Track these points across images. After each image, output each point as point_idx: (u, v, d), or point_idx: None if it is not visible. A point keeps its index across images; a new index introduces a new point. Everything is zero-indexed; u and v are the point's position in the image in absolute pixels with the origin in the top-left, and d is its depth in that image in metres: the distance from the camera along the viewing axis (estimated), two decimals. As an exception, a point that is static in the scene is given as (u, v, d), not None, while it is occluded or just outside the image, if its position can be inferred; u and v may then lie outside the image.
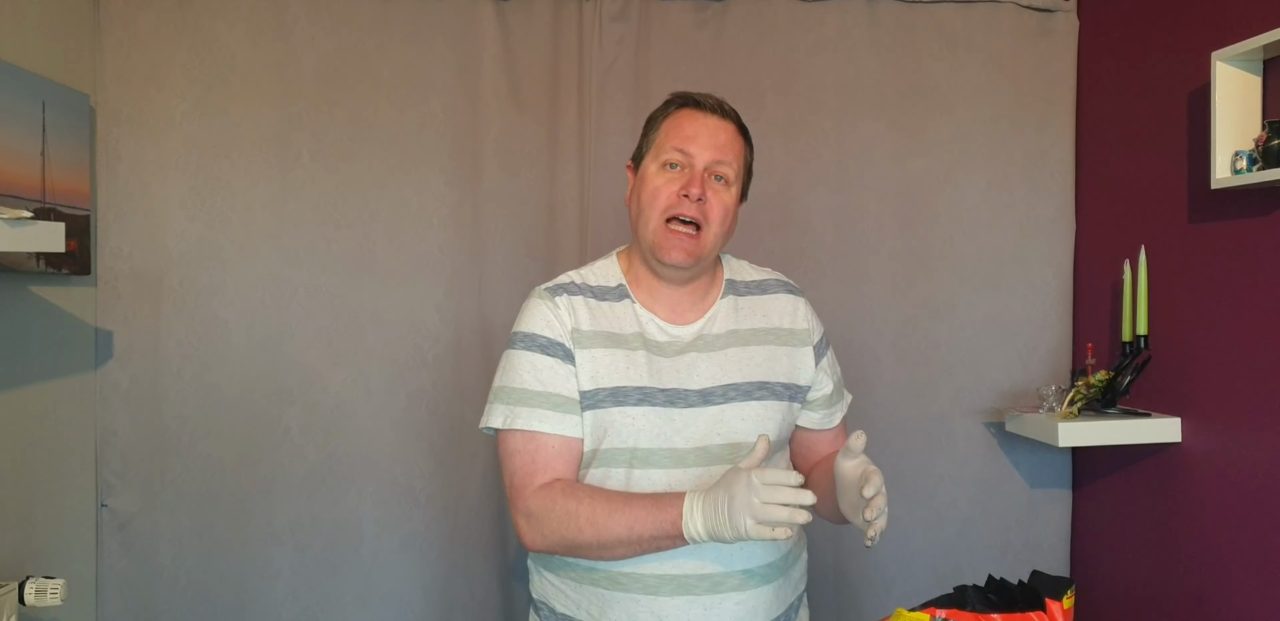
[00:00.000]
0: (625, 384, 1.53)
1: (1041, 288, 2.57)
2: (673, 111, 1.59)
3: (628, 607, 1.51)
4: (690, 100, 1.59)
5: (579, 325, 1.56)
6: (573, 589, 1.57)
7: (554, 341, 1.54)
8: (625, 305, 1.60)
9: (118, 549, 2.32)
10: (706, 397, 1.55)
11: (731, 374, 1.58)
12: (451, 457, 2.43)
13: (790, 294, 1.69)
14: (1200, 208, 2.12)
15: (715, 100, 1.60)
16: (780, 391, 1.60)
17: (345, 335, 2.39)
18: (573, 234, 2.46)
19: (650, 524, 1.41)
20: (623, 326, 1.57)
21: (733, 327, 1.62)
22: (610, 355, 1.54)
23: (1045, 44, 2.58)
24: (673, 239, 1.54)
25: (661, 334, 1.58)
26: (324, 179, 2.38)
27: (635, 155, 1.63)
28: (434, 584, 2.42)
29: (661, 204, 1.54)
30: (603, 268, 1.65)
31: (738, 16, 2.51)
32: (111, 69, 2.31)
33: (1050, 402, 2.34)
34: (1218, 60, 1.95)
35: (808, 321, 1.68)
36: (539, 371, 1.53)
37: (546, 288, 1.61)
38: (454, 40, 2.43)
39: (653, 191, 1.55)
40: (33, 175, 1.96)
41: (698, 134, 1.55)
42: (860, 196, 2.54)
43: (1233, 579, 2.02)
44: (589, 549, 1.47)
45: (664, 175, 1.55)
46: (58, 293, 2.16)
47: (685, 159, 1.54)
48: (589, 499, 1.46)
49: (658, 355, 1.56)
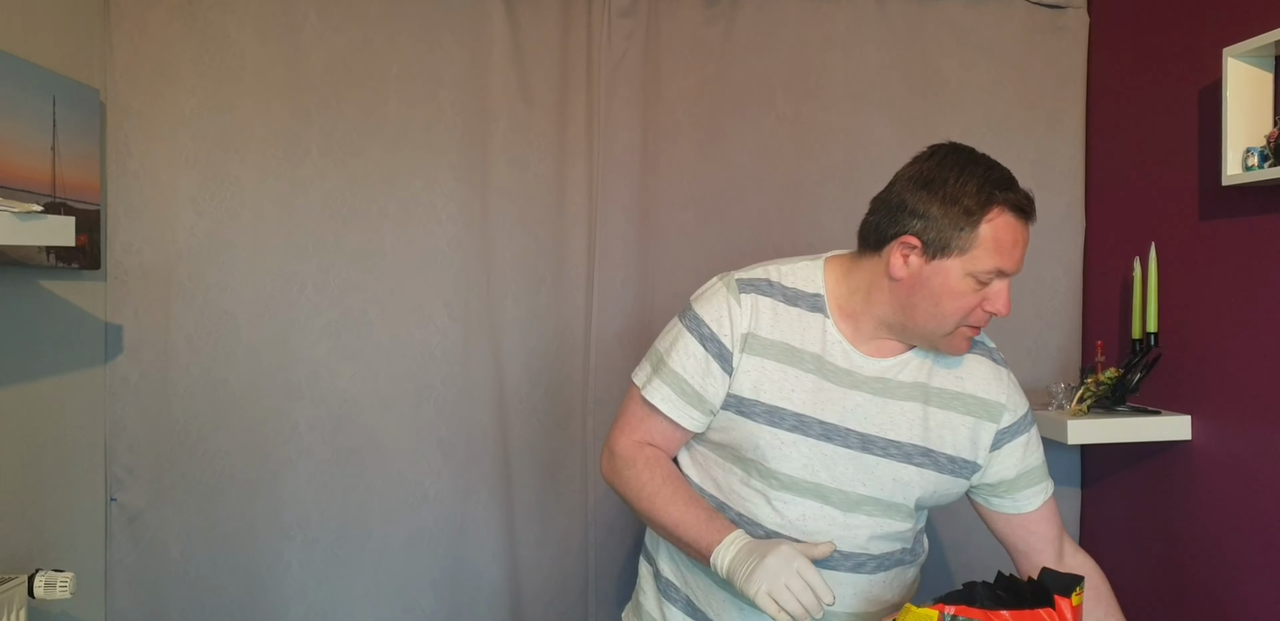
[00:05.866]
0: (785, 406, 1.49)
1: (1051, 284, 2.56)
2: (995, 211, 1.41)
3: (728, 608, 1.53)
4: (1016, 204, 1.42)
5: (757, 330, 1.50)
6: (686, 567, 1.59)
7: (714, 337, 1.51)
8: (816, 318, 1.51)
9: (127, 542, 2.32)
10: (866, 445, 1.50)
11: (900, 430, 1.51)
12: (460, 453, 2.43)
13: (993, 362, 1.60)
14: (1211, 204, 2.11)
15: (1029, 197, 1.45)
16: (944, 463, 1.54)
17: (354, 330, 2.39)
18: (581, 230, 2.46)
19: (692, 534, 1.45)
20: (805, 340, 1.50)
21: (922, 381, 1.53)
22: (780, 371, 1.49)
23: (1056, 40, 2.57)
24: (964, 342, 1.50)
25: (844, 359, 1.50)
26: (333, 174, 2.38)
27: (924, 233, 1.43)
28: (442, 579, 2.42)
29: (963, 314, 1.45)
30: (806, 270, 1.55)
31: (747, 12, 2.51)
32: (122, 65, 2.31)
33: (1059, 400, 2.33)
34: (1229, 56, 1.94)
35: (1006, 396, 1.58)
36: (686, 356, 1.52)
37: (740, 279, 1.54)
38: (463, 36, 2.43)
39: (956, 303, 1.44)
40: (43, 170, 1.97)
41: (1016, 254, 1.43)
42: (870, 193, 2.48)
43: (1243, 577, 2.01)
44: (637, 512, 1.55)
45: (972, 287, 1.43)
46: (67, 287, 2.17)
47: (996, 277, 1.44)
48: (663, 480, 1.51)
49: (829, 381, 1.49)
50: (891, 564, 1.58)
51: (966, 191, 1.41)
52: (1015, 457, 1.59)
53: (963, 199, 1.41)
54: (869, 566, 1.54)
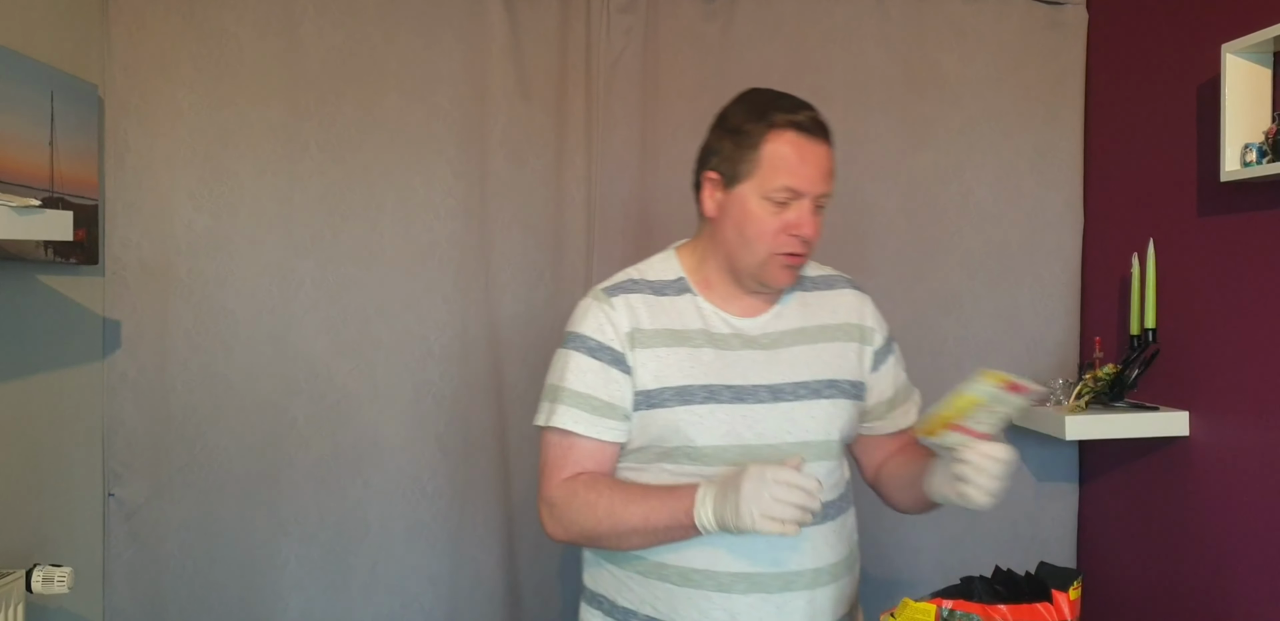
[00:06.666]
0: (690, 382, 1.51)
1: (1049, 280, 2.56)
2: (773, 132, 1.47)
3: (699, 604, 1.51)
4: (794, 122, 1.47)
5: (639, 324, 1.54)
6: (639, 583, 1.55)
7: (603, 345, 1.53)
8: (686, 299, 1.57)
9: (125, 538, 2.32)
10: (777, 394, 1.53)
11: (800, 371, 1.56)
12: (458, 449, 2.43)
13: (856, 290, 1.68)
14: (1209, 200, 2.11)
15: (815, 117, 1.50)
16: (848, 388, 1.59)
17: (352, 326, 2.39)
18: (580, 225, 2.46)
19: (665, 513, 1.43)
20: (685, 322, 1.55)
21: (800, 324, 1.59)
22: (673, 353, 1.53)
23: (1054, 36, 2.57)
24: (781, 270, 1.52)
25: (724, 326, 1.56)
26: (331, 170, 2.38)
27: (719, 166, 1.52)
28: (440, 575, 2.42)
29: (769, 242, 1.49)
30: (661, 262, 1.62)
31: (746, 8, 2.51)
32: (120, 59, 2.31)
33: (1057, 396, 2.33)
34: (1228, 52, 1.94)
35: (874, 320, 1.66)
36: (583, 374, 1.53)
37: (604, 288, 1.59)
38: (461, 31, 2.43)
39: (758, 228, 1.49)
40: (41, 164, 1.97)
41: (807, 170, 1.47)
42: (868, 189, 2.54)
43: (1240, 573, 2.02)
44: (606, 538, 1.50)
45: (768, 209, 1.48)
46: (65, 282, 2.17)
47: (791, 197, 1.48)
48: (608, 490, 1.49)
49: (724, 349, 1.54)
50: (836, 512, 1.59)
51: (748, 119, 1.50)
52: (890, 376, 1.67)
53: (744, 125, 1.50)
54: (818, 516, 1.50)
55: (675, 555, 1.50)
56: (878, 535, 2.54)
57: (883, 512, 2.56)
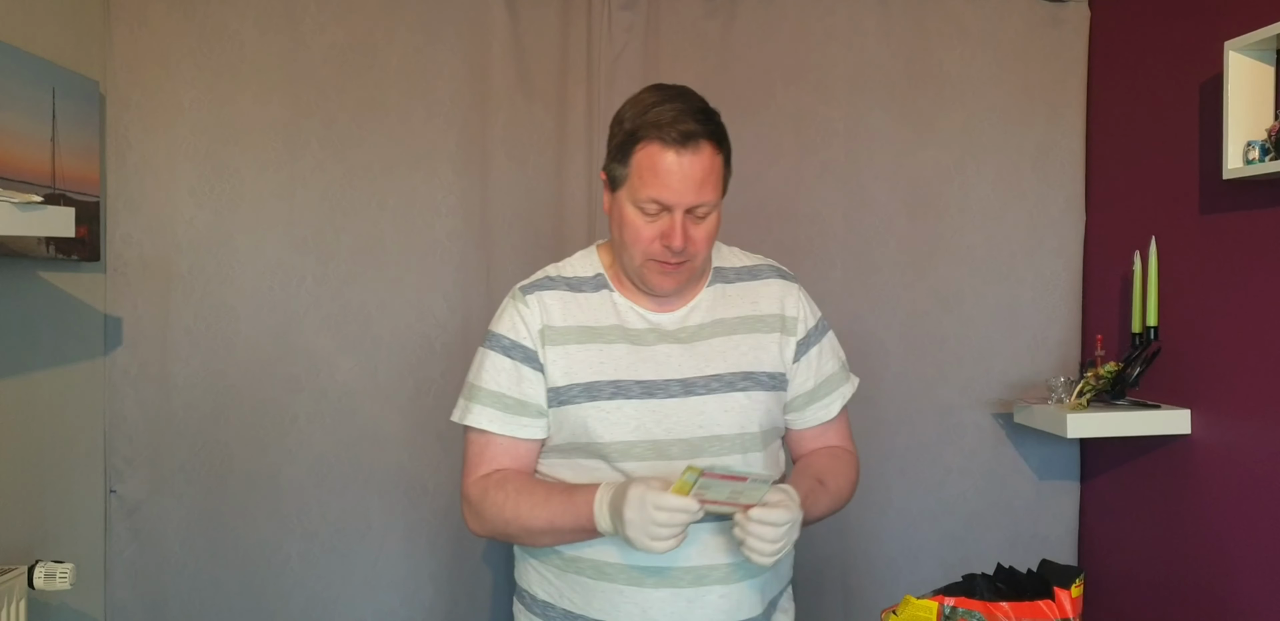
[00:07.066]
0: (598, 379, 1.52)
1: (1051, 278, 2.56)
2: (642, 143, 1.44)
3: (611, 598, 1.52)
4: (661, 137, 1.42)
5: (550, 322, 1.54)
6: (556, 576, 1.57)
7: (516, 344, 1.54)
8: (603, 295, 1.58)
9: (126, 534, 2.33)
10: (688, 388, 1.53)
11: (715, 364, 1.55)
12: (459, 446, 2.39)
13: (782, 279, 1.65)
14: (1212, 198, 2.11)
15: (685, 128, 1.42)
16: (766, 381, 1.57)
17: (353, 323, 2.39)
18: (581, 222, 2.46)
19: (568, 518, 1.44)
20: (600, 318, 1.56)
21: (718, 317, 1.58)
22: (584, 350, 1.53)
23: (1056, 34, 2.57)
24: (658, 276, 1.51)
25: (640, 321, 1.56)
26: (332, 167, 2.38)
27: (607, 167, 1.51)
28: (441, 572, 2.42)
29: (642, 247, 1.48)
30: (581, 259, 1.63)
31: (748, 5, 2.50)
32: (121, 56, 2.31)
33: (1059, 394, 2.33)
34: (1230, 50, 1.94)
35: (797, 309, 1.62)
36: (497, 373, 1.55)
37: (521, 286, 1.61)
38: (463, 28, 2.42)
39: (633, 233, 1.48)
40: (43, 161, 1.96)
41: (671, 183, 1.43)
42: (870, 187, 2.54)
43: (1241, 571, 2.02)
44: (519, 537, 1.53)
45: (641, 217, 1.47)
46: (67, 279, 2.17)
47: (661, 208, 1.45)
48: (515, 491, 1.50)
49: (639, 344, 1.54)
50: None
51: (625, 127, 1.47)
52: (813, 367, 1.63)
53: (620, 133, 1.48)
54: None
55: (590, 549, 1.51)
56: (880, 532, 2.55)
57: (887, 509, 2.57)
